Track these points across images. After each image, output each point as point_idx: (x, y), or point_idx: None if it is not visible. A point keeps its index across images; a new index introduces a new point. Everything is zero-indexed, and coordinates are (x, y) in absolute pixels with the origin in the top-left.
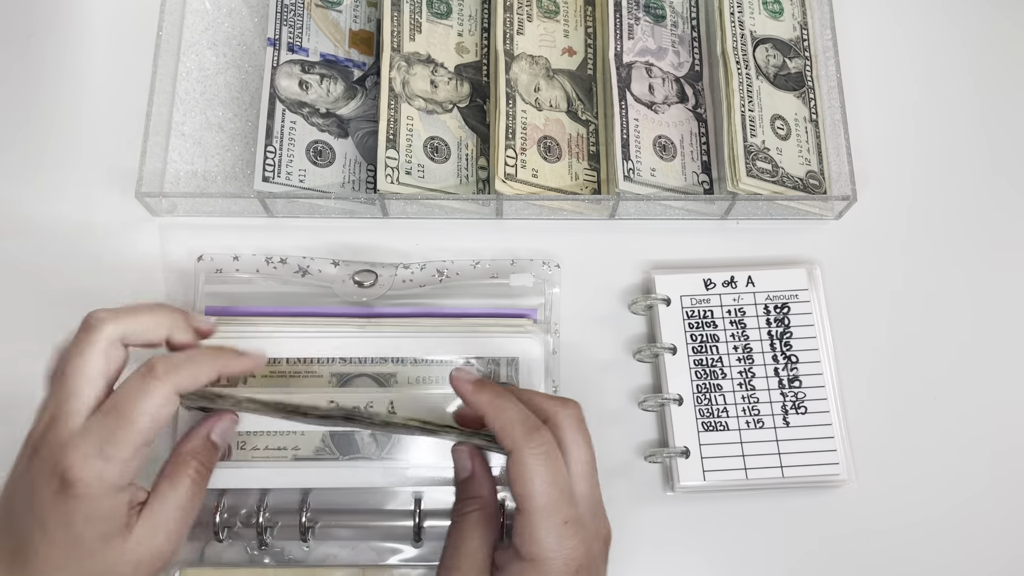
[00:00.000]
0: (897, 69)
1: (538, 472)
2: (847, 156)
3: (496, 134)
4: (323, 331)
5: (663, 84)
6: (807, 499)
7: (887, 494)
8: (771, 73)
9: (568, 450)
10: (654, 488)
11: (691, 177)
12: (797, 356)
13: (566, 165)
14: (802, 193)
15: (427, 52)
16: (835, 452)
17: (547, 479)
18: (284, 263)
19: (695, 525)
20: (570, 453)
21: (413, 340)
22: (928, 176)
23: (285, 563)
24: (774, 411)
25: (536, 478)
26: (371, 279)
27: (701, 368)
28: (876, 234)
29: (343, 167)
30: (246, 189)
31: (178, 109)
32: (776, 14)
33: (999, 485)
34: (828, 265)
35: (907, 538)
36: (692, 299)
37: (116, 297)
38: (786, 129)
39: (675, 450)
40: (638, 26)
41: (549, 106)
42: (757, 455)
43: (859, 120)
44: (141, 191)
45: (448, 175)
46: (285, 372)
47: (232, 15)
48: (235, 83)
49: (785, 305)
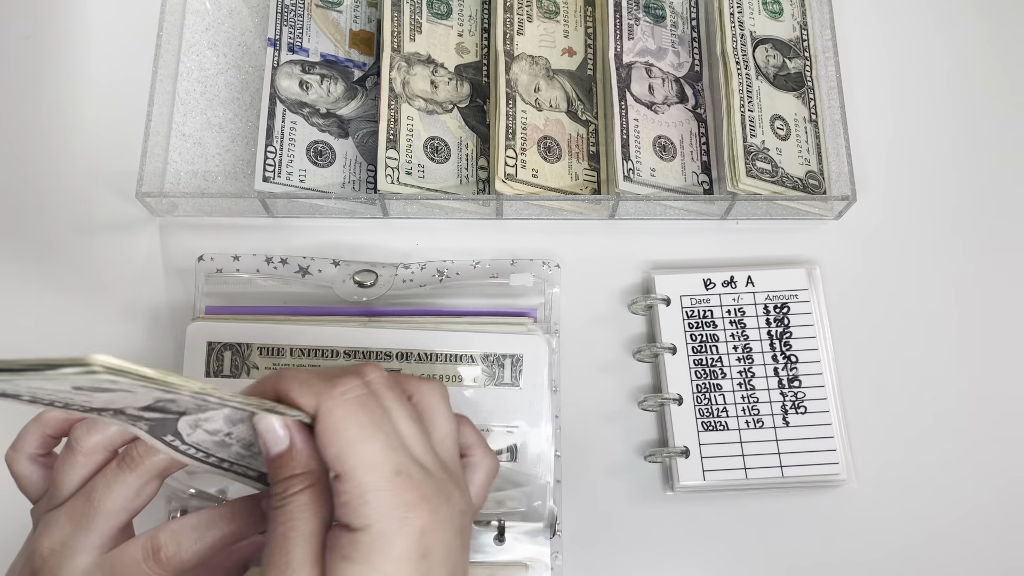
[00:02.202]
0: (897, 69)
1: (352, 418)
2: (847, 156)
3: (496, 134)
4: (327, 324)
5: (663, 84)
6: (807, 499)
7: (887, 494)
8: (771, 73)
9: (429, 419)
10: (654, 488)
11: (691, 177)
12: (797, 356)
13: (566, 165)
14: (802, 193)
15: (427, 52)
16: (835, 452)
17: (364, 424)
18: (284, 263)
19: (695, 525)
20: (432, 421)
21: (420, 333)
22: (928, 176)
23: None
24: (774, 411)
25: (350, 427)
26: (371, 279)
27: (701, 368)
28: (876, 234)
29: (343, 167)
30: (246, 189)
31: (178, 109)
32: (776, 14)
33: (999, 484)
34: (828, 265)
35: (907, 537)
36: (692, 299)
37: (116, 297)
38: (786, 129)
39: (675, 450)
40: (638, 26)
41: (549, 106)
42: (757, 455)
43: (858, 120)
44: (141, 191)
45: (448, 175)
46: (289, 366)
47: (232, 15)
48: (235, 83)
49: (785, 305)
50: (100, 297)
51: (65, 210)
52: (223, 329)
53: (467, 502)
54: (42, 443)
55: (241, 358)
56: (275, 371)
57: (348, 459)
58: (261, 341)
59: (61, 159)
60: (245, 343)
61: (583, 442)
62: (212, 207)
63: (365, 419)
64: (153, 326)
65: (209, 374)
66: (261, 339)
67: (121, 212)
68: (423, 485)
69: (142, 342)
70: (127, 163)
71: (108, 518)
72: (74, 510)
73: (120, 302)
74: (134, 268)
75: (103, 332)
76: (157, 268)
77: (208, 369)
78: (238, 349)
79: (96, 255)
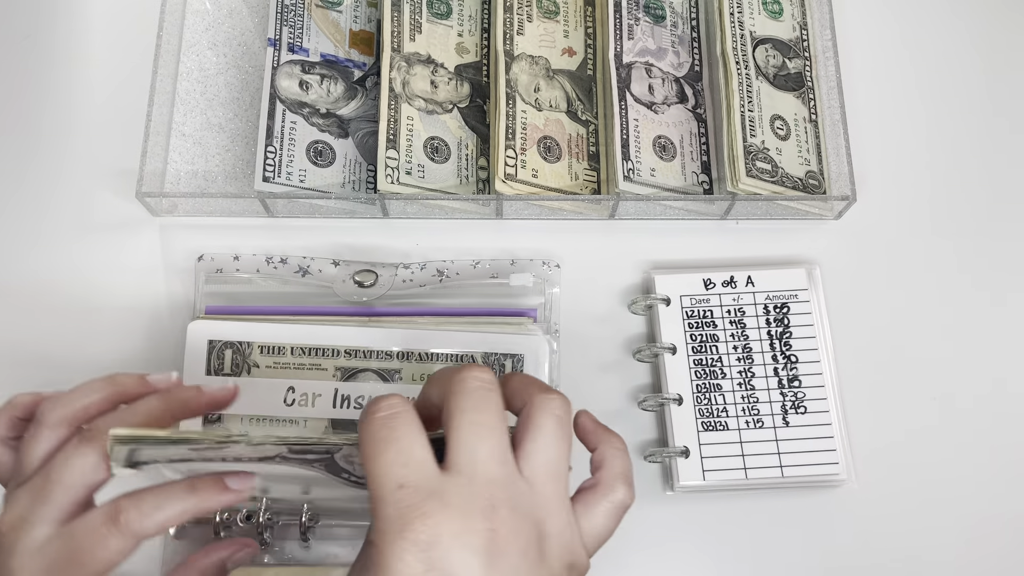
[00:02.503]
0: (897, 69)
1: (367, 435)
2: (846, 156)
3: (496, 134)
4: (328, 324)
5: (663, 84)
6: (807, 499)
7: (886, 493)
8: (771, 73)
9: (527, 430)
10: (654, 488)
11: (691, 177)
12: (797, 356)
13: (566, 165)
14: (802, 193)
15: (427, 52)
16: (834, 452)
17: (376, 442)
18: (284, 263)
19: (695, 525)
20: (527, 432)
21: (420, 333)
22: (928, 176)
23: (285, 562)
24: (774, 411)
25: (367, 443)
26: (371, 279)
27: (701, 368)
28: (876, 234)
29: (343, 167)
30: (246, 189)
31: (178, 109)
32: (776, 14)
33: (998, 484)
34: (828, 265)
35: (906, 537)
36: (692, 299)
37: (116, 297)
38: (786, 129)
39: (675, 450)
40: (638, 26)
41: (549, 106)
42: (757, 455)
43: (858, 120)
44: (141, 191)
45: (448, 175)
46: (290, 364)
47: (233, 15)
48: (236, 83)
49: (785, 305)
50: (100, 297)
51: (65, 210)
52: (223, 328)
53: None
54: (12, 426)
55: (242, 356)
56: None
57: (367, 475)
58: (262, 340)
59: (61, 159)
60: (245, 341)
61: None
62: (212, 207)
63: (383, 434)
64: (153, 326)
65: (210, 372)
66: (262, 338)
67: (121, 212)
68: (434, 497)
69: (142, 342)
70: (127, 163)
71: (66, 491)
72: (34, 484)
73: (120, 302)
74: (134, 268)
75: (103, 332)
76: (157, 268)
77: (209, 367)
78: (238, 347)
79: (96, 255)
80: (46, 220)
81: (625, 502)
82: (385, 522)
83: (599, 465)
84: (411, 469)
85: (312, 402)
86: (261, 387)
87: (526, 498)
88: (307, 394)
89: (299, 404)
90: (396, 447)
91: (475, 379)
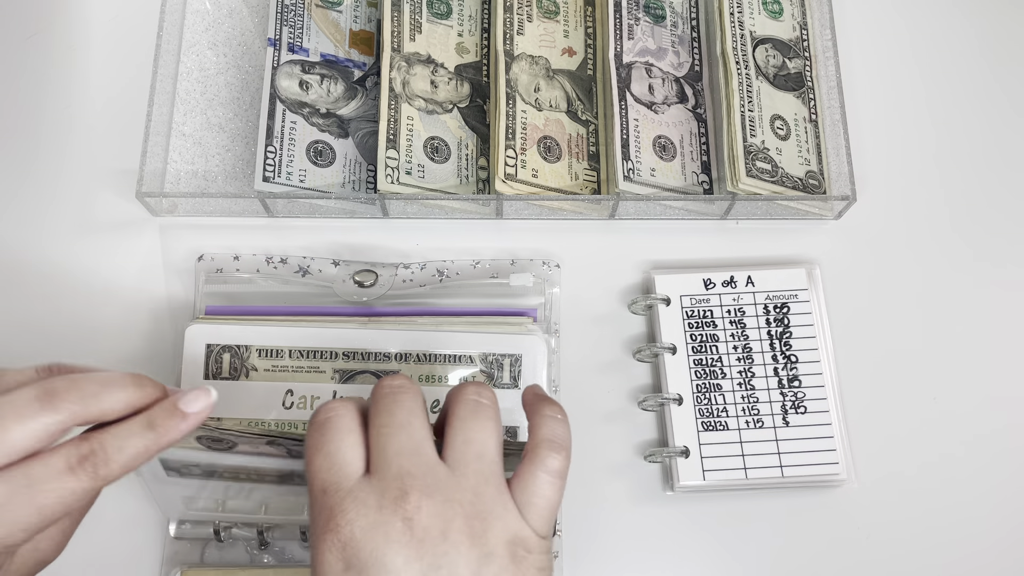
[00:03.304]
0: (897, 69)
1: (307, 444)
2: (847, 156)
3: (496, 134)
4: (326, 326)
5: (663, 84)
6: (807, 499)
7: (886, 494)
8: (771, 73)
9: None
10: (654, 488)
11: (691, 177)
12: (797, 356)
13: (566, 165)
14: (802, 193)
15: (427, 52)
16: (835, 452)
17: (309, 448)
18: (284, 263)
19: (695, 525)
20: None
21: (419, 333)
22: (928, 176)
23: (285, 562)
24: (774, 411)
25: (305, 451)
26: (371, 279)
27: (701, 368)
28: (876, 234)
29: (343, 167)
30: (246, 189)
31: (178, 109)
32: (776, 14)
33: (998, 484)
34: (828, 265)
35: (907, 538)
36: (692, 299)
37: (116, 297)
38: (786, 129)
39: (675, 450)
40: (638, 26)
41: (549, 106)
42: (757, 455)
43: (859, 120)
44: (141, 191)
45: (448, 175)
46: (288, 367)
47: (232, 15)
48: (235, 83)
49: (785, 305)
50: (100, 297)
51: (65, 210)
52: (221, 331)
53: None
54: None
55: (240, 360)
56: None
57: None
58: (260, 343)
59: (61, 159)
60: (243, 345)
61: (583, 442)
62: (212, 207)
63: (313, 440)
64: (153, 326)
65: (208, 376)
66: (259, 341)
67: (121, 212)
68: (350, 497)
69: (142, 342)
70: (127, 163)
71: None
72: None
73: (120, 302)
74: (134, 268)
75: (103, 332)
76: (157, 268)
77: (207, 371)
78: (236, 351)
79: (96, 255)
80: (46, 220)
81: (557, 467)
82: (313, 524)
83: (530, 435)
84: (333, 473)
85: (311, 404)
86: (260, 390)
87: (445, 482)
88: (306, 397)
89: (298, 407)
90: (324, 452)
91: (385, 387)
